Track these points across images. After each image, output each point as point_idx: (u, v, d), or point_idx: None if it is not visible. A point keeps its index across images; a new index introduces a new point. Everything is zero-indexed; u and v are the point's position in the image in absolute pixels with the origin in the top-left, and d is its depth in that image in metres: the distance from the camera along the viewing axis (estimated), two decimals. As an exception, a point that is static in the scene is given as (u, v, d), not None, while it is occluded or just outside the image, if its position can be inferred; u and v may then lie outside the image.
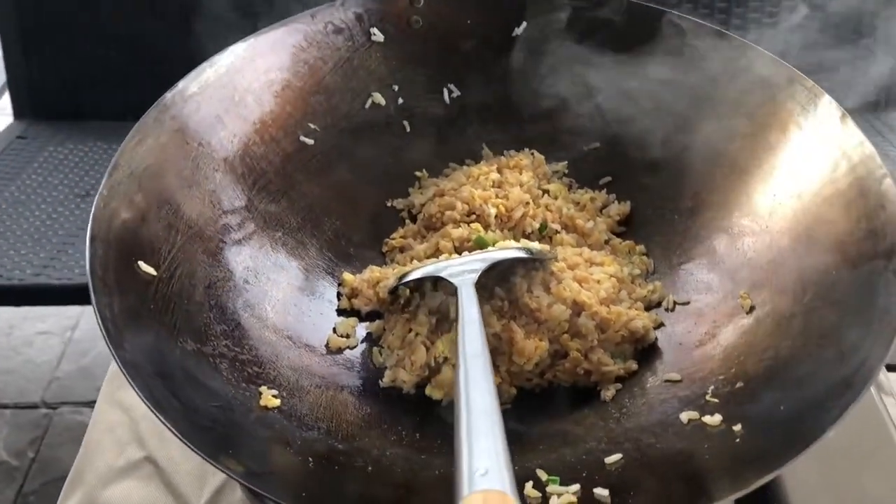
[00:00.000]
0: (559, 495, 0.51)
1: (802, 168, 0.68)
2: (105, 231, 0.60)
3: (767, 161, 0.71)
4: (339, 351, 0.69)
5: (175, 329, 0.60)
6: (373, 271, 0.75)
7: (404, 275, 0.68)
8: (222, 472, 0.46)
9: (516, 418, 0.63)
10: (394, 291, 0.70)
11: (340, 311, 0.74)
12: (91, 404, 1.63)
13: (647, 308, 0.71)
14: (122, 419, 0.84)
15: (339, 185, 0.82)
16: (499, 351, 0.65)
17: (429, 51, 0.87)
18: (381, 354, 0.69)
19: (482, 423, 0.43)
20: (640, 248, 0.76)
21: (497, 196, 0.78)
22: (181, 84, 0.73)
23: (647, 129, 0.81)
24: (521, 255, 0.67)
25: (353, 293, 0.74)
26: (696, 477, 0.51)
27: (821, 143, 0.67)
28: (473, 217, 0.77)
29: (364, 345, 0.71)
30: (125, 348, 0.52)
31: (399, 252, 0.79)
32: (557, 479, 0.54)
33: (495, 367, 0.66)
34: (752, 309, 0.65)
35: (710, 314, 0.68)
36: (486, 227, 0.77)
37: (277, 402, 0.59)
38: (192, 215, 0.69)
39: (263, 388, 0.60)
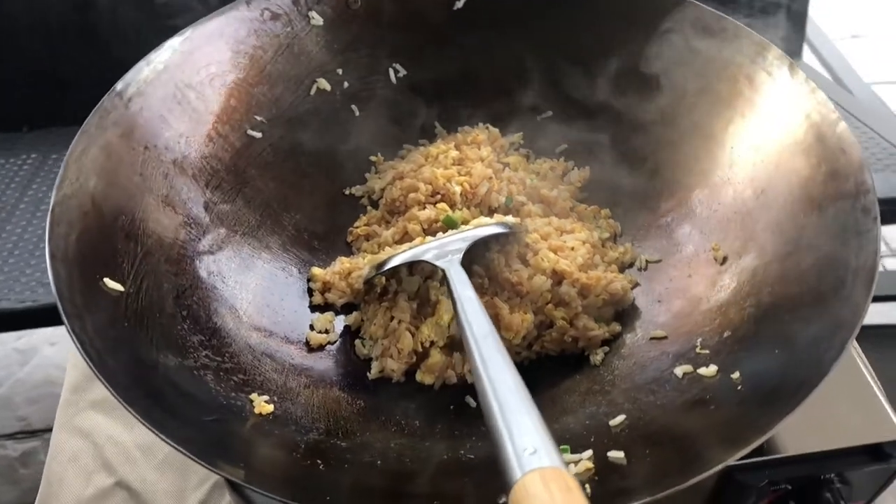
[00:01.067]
0: (575, 463, 0.51)
1: (757, 119, 0.70)
2: (63, 250, 0.56)
3: (721, 115, 0.73)
4: (321, 347, 0.67)
5: (153, 345, 0.57)
6: (342, 263, 0.73)
7: (381, 263, 0.67)
8: (237, 485, 0.44)
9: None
10: (369, 281, 0.69)
11: (314, 307, 0.72)
12: (14, 436, 1.54)
13: (621, 270, 0.72)
14: (84, 446, 0.80)
15: (293, 177, 0.79)
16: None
17: (370, 31, 0.84)
18: (364, 346, 0.68)
19: (514, 402, 0.43)
20: (605, 211, 0.77)
21: (459, 174, 0.77)
22: (119, 85, 0.69)
23: (597, 93, 0.81)
24: (501, 230, 0.67)
25: (326, 287, 0.72)
26: (711, 427, 0.52)
27: (773, 94, 0.69)
28: (438, 197, 0.76)
29: (343, 338, 0.70)
30: (110, 370, 0.49)
31: (365, 240, 0.78)
32: (568, 447, 0.54)
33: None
34: (724, 259, 0.66)
35: (683, 269, 0.69)
36: (452, 205, 0.76)
37: (271, 407, 0.57)
38: (148, 223, 0.65)
39: (254, 396, 0.57)
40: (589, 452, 0.52)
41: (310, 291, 0.73)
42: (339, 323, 0.71)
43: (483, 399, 0.44)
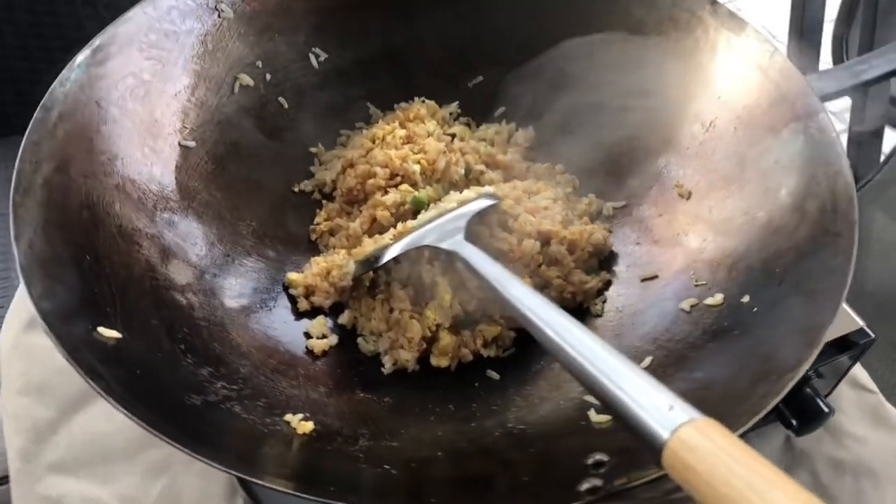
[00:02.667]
0: None
1: (689, 59, 0.74)
2: (50, 310, 0.50)
3: (652, 59, 0.76)
4: (324, 354, 0.65)
5: (173, 388, 0.52)
6: (318, 263, 0.70)
7: (371, 257, 0.65)
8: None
9: (531, 358, 0.64)
10: (356, 276, 0.67)
11: (300, 314, 0.68)
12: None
13: (592, 221, 0.74)
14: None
15: (238, 183, 0.74)
16: (491, 302, 0.65)
17: (283, 17, 0.80)
18: (368, 342, 0.66)
19: (614, 365, 0.42)
20: (559, 167, 0.79)
21: (413, 152, 0.76)
22: (38, 114, 0.61)
23: (522, 50, 0.82)
24: (492, 201, 0.66)
25: (308, 291, 0.69)
26: (745, 353, 0.55)
27: (712, 32, 0.72)
28: (398, 179, 0.75)
29: (339, 338, 0.67)
30: (157, 423, 0.45)
31: (330, 235, 0.75)
32: (613, 399, 0.55)
33: (488, 318, 0.66)
34: (689, 194, 0.70)
35: (651, 210, 0.72)
36: (413, 185, 0.74)
37: (310, 424, 0.54)
38: (112, 259, 0.59)
39: (289, 416, 0.55)
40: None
41: (290, 298, 0.69)
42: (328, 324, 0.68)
43: (579, 371, 0.44)
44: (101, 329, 0.52)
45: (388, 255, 0.63)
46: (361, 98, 0.83)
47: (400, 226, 0.68)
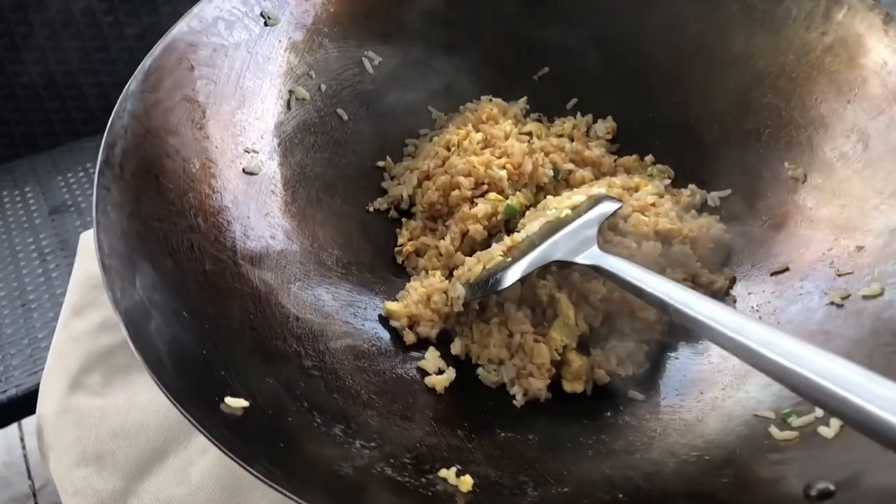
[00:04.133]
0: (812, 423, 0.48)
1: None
2: (175, 388, 0.43)
3: (736, 34, 0.71)
4: (445, 390, 0.58)
5: (319, 458, 0.46)
6: (416, 289, 0.63)
7: (486, 279, 0.58)
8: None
9: (668, 373, 0.59)
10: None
11: (407, 348, 0.62)
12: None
13: (699, 213, 0.69)
14: None
15: (310, 209, 0.67)
16: (619, 315, 0.60)
17: (332, 20, 0.73)
18: (489, 372, 0.60)
19: (827, 365, 0.38)
20: (649, 157, 0.73)
21: (495, 156, 0.69)
22: (103, 154, 0.54)
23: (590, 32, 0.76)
24: (616, 204, 0.61)
25: (412, 321, 0.62)
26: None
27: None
28: (484, 188, 0.68)
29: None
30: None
31: (417, 256, 0.68)
32: (791, 411, 0.51)
33: (620, 332, 0.60)
34: (805, 176, 0.65)
35: (763, 197, 0.67)
36: (500, 192, 0.68)
37: (468, 478, 0.48)
38: (210, 313, 0.53)
39: (443, 472, 0.48)
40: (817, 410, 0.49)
41: (390, 329, 0.63)
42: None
43: (791, 378, 0.39)
44: (228, 400, 0.45)
45: (512, 277, 0.57)
46: (422, 102, 0.77)
47: (508, 240, 0.61)
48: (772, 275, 0.63)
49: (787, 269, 0.62)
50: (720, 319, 0.44)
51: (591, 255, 0.55)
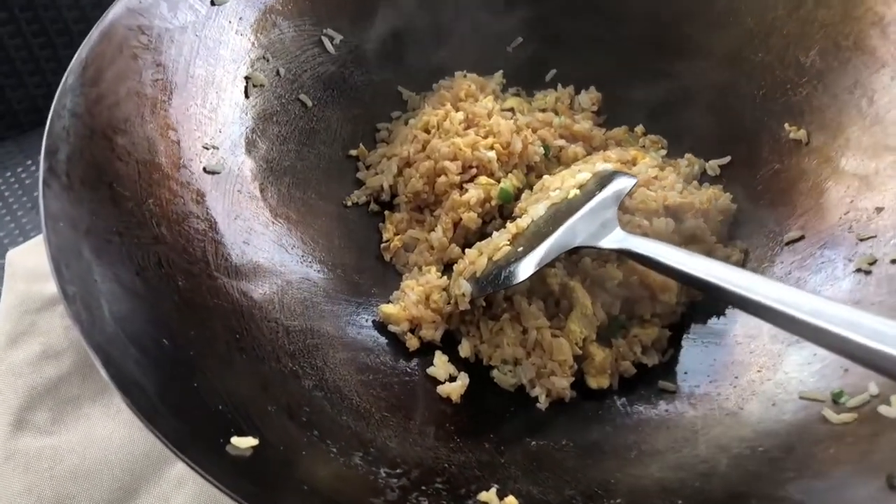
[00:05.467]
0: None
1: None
2: (170, 424, 0.36)
3: None
4: (461, 397, 0.53)
5: (353, 494, 0.39)
6: (412, 288, 0.57)
7: (495, 272, 0.53)
8: None
9: (697, 358, 0.55)
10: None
11: (410, 354, 0.56)
12: None
13: (699, 185, 0.65)
14: None
15: (281, 208, 0.60)
16: (638, 300, 0.55)
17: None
18: (505, 374, 0.54)
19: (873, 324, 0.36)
20: (640, 128, 0.69)
21: (483, 136, 0.63)
22: (45, 163, 0.45)
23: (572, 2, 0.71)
24: (632, 179, 0.56)
25: (413, 324, 0.56)
26: None
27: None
28: (473, 171, 0.62)
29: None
30: None
31: (405, 252, 0.62)
32: (842, 392, 0.47)
33: (640, 320, 0.56)
34: (808, 137, 0.62)
35: (767, 162, 0.63)
36: (491, 175, 0.63)
37: (513, 499, 0.42)
38: (192, 337, 0.45)
39: (483, 495, 0.43)
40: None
41: (388, 335, 0.56)
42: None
43: (837, 342, 0.38)
44: (234, 440, 0.38)
45: (528, 268, 0.51)
46: (390, 82, 0.70)
47: (512, 226, 0.56)
48: (787, 244, 0.59)
49: (802, 238, 0.59)
50: (792, 302, 0.40)
51: (617, 239, 0.50)
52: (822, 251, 0.57)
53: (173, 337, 0.44)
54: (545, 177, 0.61)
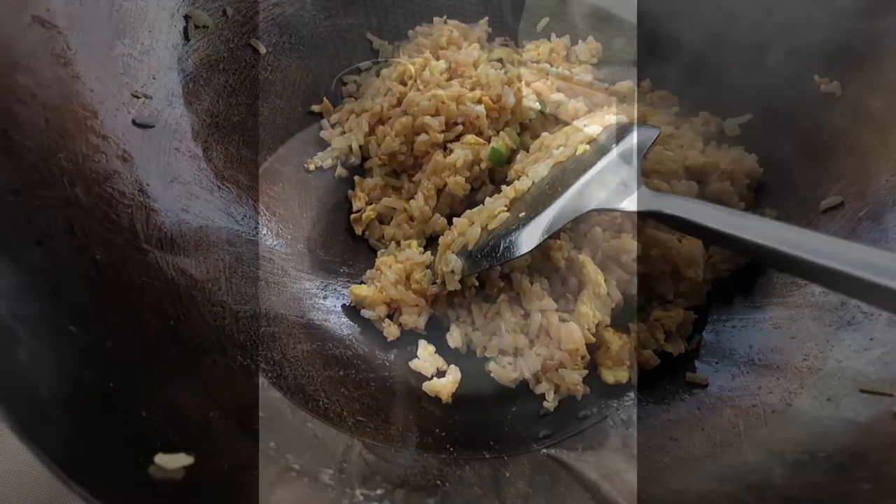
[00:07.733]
0: None
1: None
2: (60, 436, 0.26)
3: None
4: (453, 396, 0.43)
5: None
6: (387, 264, 0.48)
7: (491, 244, 0.44)
8: None
9: (725, 343, 0.46)
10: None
11: (389, 344, 0.46)
12: None
13: (719, 144, 0.56)
14: None
15: (229, 170, 0.50)
16: (659, 277, 0.46)
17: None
18: (503, 367, 0.45)
19: None
20: (646, 83, 0.60)
21: (469, 88, 0.54)
22: None
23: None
24: (655, 130, 0.47)
25: (391, 308, 0.46)
26: None
27: None
28: (459, 129, 0.53)
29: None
30: None
31: (381, 224, 0.52)
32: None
33: (660, 301, 0.47)
34: (841, 89, 0.54)
35: (794, 119, 0.55)
36: (479, 133, 0.53)
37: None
38: (113, 321, 0.35)
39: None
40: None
41: (362, 320, 0.47)
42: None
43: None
44: (159, 458, 0.28)
45: (531, 238, 0.42)
46: (359, 28, 0.60)
47: (510, 190, 0.47)
48: (823, 212, 0.51)
49: (842, 204, 0.51)
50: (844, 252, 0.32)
51: (643, 200, 0.41)
52: (866, 223, 0.49)
53: (85, 323, 0.33)
54: (544, 134, 0.52)
